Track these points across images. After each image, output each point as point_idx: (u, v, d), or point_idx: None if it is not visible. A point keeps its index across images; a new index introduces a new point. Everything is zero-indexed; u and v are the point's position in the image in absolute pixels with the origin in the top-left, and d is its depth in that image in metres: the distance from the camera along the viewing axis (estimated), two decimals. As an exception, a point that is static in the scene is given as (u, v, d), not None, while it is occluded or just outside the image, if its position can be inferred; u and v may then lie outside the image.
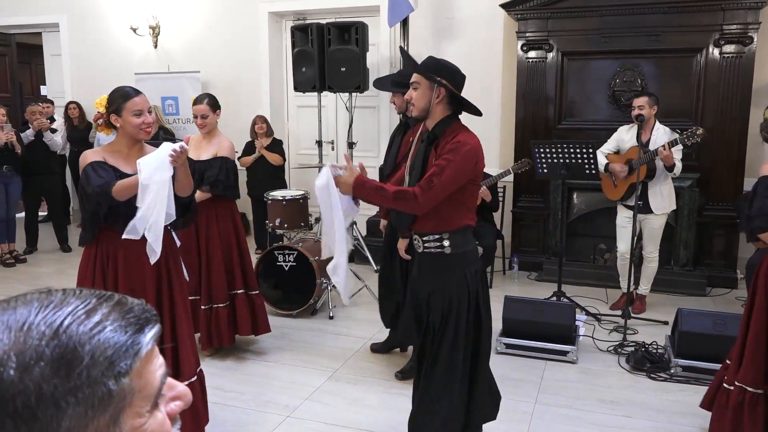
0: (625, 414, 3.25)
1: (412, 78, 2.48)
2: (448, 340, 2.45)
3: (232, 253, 3.87)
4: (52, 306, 0.61)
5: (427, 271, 2.52)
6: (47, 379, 0.57)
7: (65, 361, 0.58)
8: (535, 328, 3.93)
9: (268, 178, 6.11)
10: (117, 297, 0.66)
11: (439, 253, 2.47)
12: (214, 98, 3.88)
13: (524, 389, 3.52)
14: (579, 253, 5.80)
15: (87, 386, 0.58)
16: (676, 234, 5.36)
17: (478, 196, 2.60)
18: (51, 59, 8.56)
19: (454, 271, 2.46)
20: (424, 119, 2.51)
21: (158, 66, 7.45)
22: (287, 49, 6.99)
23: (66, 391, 0.57)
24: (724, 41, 5.13)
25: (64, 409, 0.57)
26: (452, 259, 2.47)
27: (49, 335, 0.59)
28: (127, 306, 0.65)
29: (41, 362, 0.57)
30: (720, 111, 5.22)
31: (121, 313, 0.64)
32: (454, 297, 2.44)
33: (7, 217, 6.20)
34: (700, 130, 4.22)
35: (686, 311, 3.76)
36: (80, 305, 0.62)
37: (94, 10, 7.74)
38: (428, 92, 2.42)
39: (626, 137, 4.60)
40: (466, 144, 2.37)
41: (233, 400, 3.40)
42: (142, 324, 0.65)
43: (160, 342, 2.15)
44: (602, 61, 5.58)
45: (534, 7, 5.53)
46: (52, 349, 0.58)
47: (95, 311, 0.62)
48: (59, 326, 0.59)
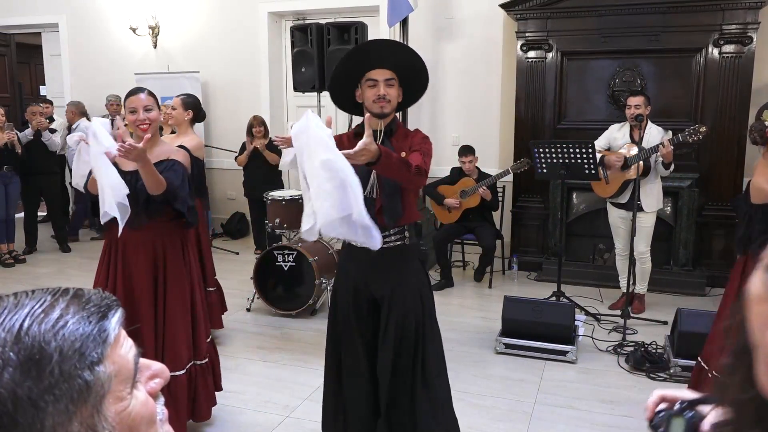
0: (625, 414, 3.25)
1: (388, 74, 2.40)
2: (430, 333, 2.47)
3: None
4: (7, 311, 0.61)
5: (387, 265, 2.46)
6: (19, 383, 0.57)
7: (34, 362, 0.58)
8: (535, 328, 3.93)
9: (264, 178, 6.10)
10: (72, 290, 0.66)
11: (400, 246, 2.47)
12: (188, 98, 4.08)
13: (524, 389, 3.52)
14: (578, 253, 5.80)
15: (63, 382, 0.58)
16: (676, 234, 5.36)
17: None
18: (50, 59, 8.57)
19: (415, 261, 2.54)
20: (386, 117, 2.45)
21: (158, 66, 7.44)
22: (287, 49, 6.98)
23: (42, 391, 0.57)
24: (723, 41, 5.14)
25: (44, 408, 0.57)
26: (412, 249, 2.53)
27: (11, 340, 0.58)
28: (84, 297, 0.65)
29: (9, 368, 0.57)
30: (719, 111, 5.22)
31: (80, 305, 0.64)
32: (423, 286, 2.52)
33: (6, 218, 6.19)
34: (703, 128, 4.23)
35: (686, 311, 3.76)
36: (36, 305, 0.62)
37: (94, 10, 7.74)
38: (399, 91, 2.46)
39: (618, 135, 4.62)
40: (429, 138, 2.53)
41: (233, 400, 3.39)
42: (104, 311, 0.65)
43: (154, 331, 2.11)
44: (602, 61, 5.59)
45: (533, 7, 5.53)
46: (17, 353, 0.58)
47: (53, 308, 0.62)
48: (20, 329, 0.59)
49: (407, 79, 2.46)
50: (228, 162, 7.09)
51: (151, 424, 0.68)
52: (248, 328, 4.51)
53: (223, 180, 7.43)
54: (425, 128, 6.48)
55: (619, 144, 4.59)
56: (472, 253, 5.95)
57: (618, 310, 4.69)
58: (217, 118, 7.41)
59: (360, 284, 2.50)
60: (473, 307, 5.02)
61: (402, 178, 2.32)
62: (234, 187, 7.27)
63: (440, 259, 5.43)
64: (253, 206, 6.37)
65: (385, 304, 2.47)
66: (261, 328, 4.49)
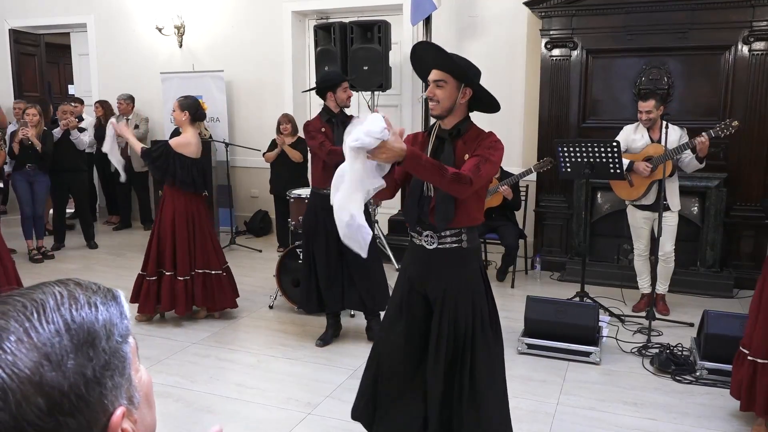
0: (650, 416, 3.21)
1: (437, 75, 2.37)
2: (482, 343, 2.40)
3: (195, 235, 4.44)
4: (35, 311, 0.61)
5: (441, 267, 2.44)
6: (84, 365, 0.61)
7: (89, 344, 0.62)
8: (558, 329, 3.90)
9: (290, 176, 6.15)
10: (70, 281, 0.68)
11: (456, 248, 2.43)
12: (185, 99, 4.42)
13: (546, 390, 3.49)
14: (602, 254, 5.73)
15: (112, 357, 0.64)
16: (703, 235, 5.27)
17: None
18: (78, 59, 8.72)
19: (472, 265, 2.47)
20: (443, 118, 2.43)
21: (183, 65, 7.53)
22: (310, 48, 7.01)
23: (102, 368, 0.62)
24: (753, 38, 5.03)
25: (105, 384, 0.62)
26: (470, 254, 2.46)
27: (62, 331, 0.61)
28: (84, 284, 0.69)
29: (71, 354, 0.60)
30: (749, 109, 5.12)
31: (90, 291, 0.68)
32: (477, 293, 2.43)
33: (34, 215, 6.32)
34: (735, 122, 4.18)
35: (713, 313, 3.69)
36: (58, 297, 0.64)
37: (121, 10, 7.85)
38: (455, 92, 2.37)
39: (636, 137, 4.54)
40: (500, 144, 2.43)
41: (255, 397, 3.42)
42: (112, 293, 0.70)
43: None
44: (627, 59, 5.51)
45: (558, 4, 5.48)
46: (71, 339, 0.61)
47: (74, 296, 0.65)
48: (64, 318, 0.62)
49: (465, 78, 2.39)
50: (251, 160, 7.14)
51: (151, 390, 0.74)
52: (271, 325, 4.55)
53: (247, 178, 7.49)
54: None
55: (638, 145, 4.52)
56: (495, 253, 5.91)
57: (641, 311, 4.64)
58: (240, 117, 7.47)
59: (415, 281, 2.52)
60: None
61: (435, 182, 2.29)
62: (257, 185, 7.33)
63: (462, 258, 5.40)
64: (278, 204, 6.42)
65: (437, 307, 2.45)
66: (283, 326, 4.52)
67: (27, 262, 6.24)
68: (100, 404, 0.61)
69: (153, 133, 7.59)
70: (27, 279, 5.68)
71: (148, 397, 0.71)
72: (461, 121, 2.44)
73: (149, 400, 0.72)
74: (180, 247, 4.36)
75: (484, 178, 2.34)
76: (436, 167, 2.23)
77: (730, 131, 4.14)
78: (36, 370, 0.58)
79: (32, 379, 0.57)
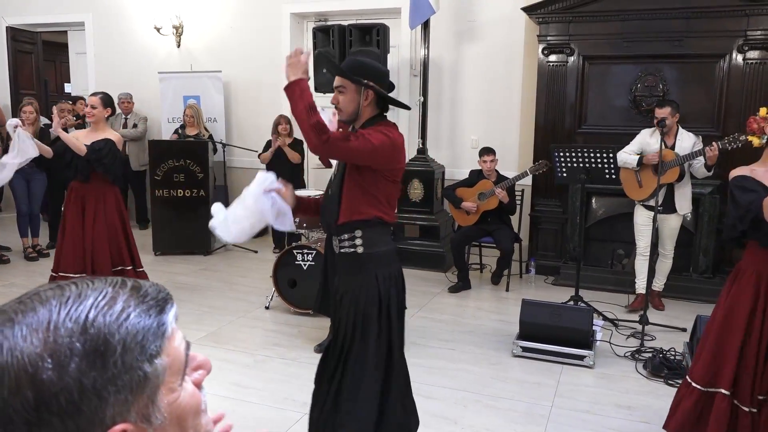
0: (642, 419, 3.24)
1: (337, 82, 2.39)
2: (356, 346, 2.38)
3: (117, 233, 4.54)
4: (71, 301, 0.62)
5: (343, 272, 2.49)
6: (85, 372, 0.59)
7: (99, 353, 0.60)
8: (553, 332, 3.93)
9: (287, 178, 6.12)
10: (130, 282, 0.68)
11: (352, 253, 2.43)
12: (109, 96, 4.51)
13: (541, 392, 3.53)
14: (596, 258, 5.77)
15: (124, 373, 0.61)
16: (696, 241, 5.32)
17: (395, 195, 2.50)
18: (76, 57, 8.71)
19: (364, 273, 2.41)
20: (353, 122, 2.43)
21: (181, 65, 7.54)
22: (308, 50, 7.03)
23: (105, 381, 0.59)
24: (747, 47, 5.09)
25: (106, 398, 0.60)
26: (364, 260, 2.41)
27: (78, 331, 0.60)
28: (142, 290, 0.67)
29: (76, 358, 0.59)
30: (743, 117, 5.16)
31: (139, 298, 0.65)
32: (361, 300, 2.39)
33: (30, 212, 6.31)
34: (743, 135, 4.23)
35: (705, 318, 3.72)
36: (99, 296, 0.63)
37: (119, 9, 7.86)
38: (356, 96, 2.37)
39: (651, 141, 4.68)
40: (387, 132, 2.36)
41: (251, 397, 3.44)
42: (161, 305, 0.67)
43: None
44: (623, 65, 5.56)
45: (556, 10, 5.53)
46: (83, 343, 0.59)
47: (115, 300, 0.64)
48: (85, 320, 0.61)
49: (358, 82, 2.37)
50: (248, 161, 7.16)
51: (197, 414, 0.70)
52: (267, 326, 4.56)
53: (244, 179, 7.49)
54: (445, 130, 6.53)
55: (653, 149, 4.61)
56: (490, 256, 5.95)
57: (634, 309, 4.77)
58: (238, 118, 7.49)
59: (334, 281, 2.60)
60: (490, 309, 5.02)
61: (300, 119, 2.32)
62: (254, 186, 7.33)
63: (458, 261, 5.44)
64: (274, 205, 6.42)
65: (335, 311, 2.51)
66: (279, 326, 4.53)
67: (22, 259, 6.24)
68: (94, 415, 0.59)
69: (151, 133, 7.59)
70: (22, 277, 5.68)
71: (181, 421, 0.68)
72: (368, 120, 2.42)
73: (183, 424, 0.68)
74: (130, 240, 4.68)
75: (348, 149, 2.29)
76: (307, 106, 2.29)
77: (737, 145, 4.21)
78: (35, 363, 0.58)
79: (27, 370, 0.58)
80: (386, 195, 2.42)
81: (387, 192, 2.42)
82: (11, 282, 5.54)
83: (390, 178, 2.41)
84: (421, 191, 6.15)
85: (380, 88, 2.39)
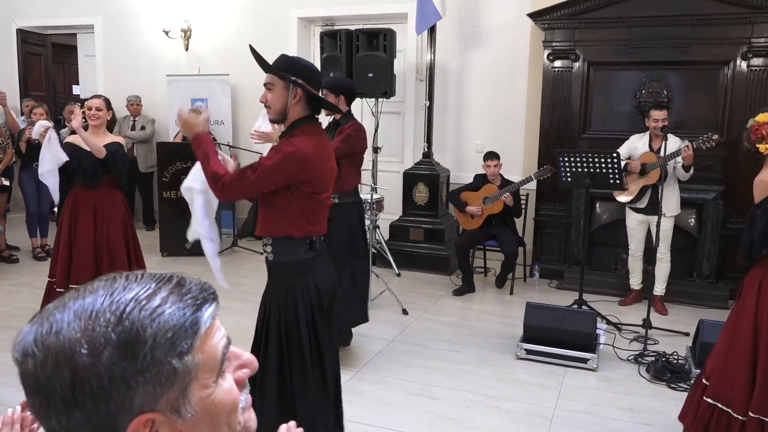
0: (645, 422, 3.28)
1: (266, 79, 2.35)
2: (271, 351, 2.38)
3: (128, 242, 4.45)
4: (116, 293, 0.66)
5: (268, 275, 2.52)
6: (116, 362, 0.63)
7: (131, 346, 0.63)
8: (556, 335, 3.97)
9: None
10: (176, 279, 0.71)
11: (266, 257, 2.47)
12: (108, 100, 4.43)
13: (544, 394, 3.56)
14: (600, 263, 5.80)
15: (153, 366, 0.64)
16: (700, 246, 5.35)
17: (314, 208, 2.39)
18: (84, 60, 8.79)
19: (271, 278, 2.44)
20: (283, 122, 2.39)
21: (189, 68, 7.61)
22: (315, 54, 7.09)
23: (135, 373, 0.63)
24: (752, 54, 5.13)
25: (135, 387, 0.63)
26: (272, 267, 2.44)
27: (114, 321, 0.64)
28: (185, 287, 0.69)
29: (109, 347, 0.63)
30: (746, 124, 5.20)
31: (180, 295, 0.68)
32: (267, 301, 2.41)
33: (39, 212, 6.38)
34: (715, 135, 4.52)
35: (708, 322, 3.77)
36: (141, 291, 0.67)
37: (128, 12, 7.94)
38: (284, 93, 2.31)
39: (638, 145, 4.92)
40: (292, 145, 2.26)
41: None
42: (200, 303, 0.69)
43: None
44: (628, 71, 5.60)
45: (561, 17, 5.57)
46: (117, 334, 0.63)
47: (155, 295, 0.67)
48: (122, 312, 0.64)
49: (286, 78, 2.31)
50: (255, 164, 7.21)
51: (232, 412, 0.72)
52: (273, 326, 4.60)
53: (249, 181, 7.55)
54: (450, 134, 6.57)
55: (639, 153, 4.85)
56: (494, 260, 5.99)
57: (627, 305, 5.03)
58: (245, 121, 7.54)
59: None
60: (494, 312, 5.06)
61: (203, 169, 2.37)
62: (260, 188, 7.39)
63: (462, 264, 5.48)
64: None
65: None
66: (285, 327, 4.57)
67: (30, 259, 6.30)
68: (123, 402, 0.63)
69: (158, 135, 7.66)
70: (30, 276, 5.74)
71: (214, 416, 0.69)
72: (296, 121, 2.36)
73: (216, 419, 0.70)
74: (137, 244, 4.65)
75: (247, 186, 2.28)
76: (205, 157, 2.33)
77: (710, 144, 4.46)
78: (73, 347, 0.62)
79: (66, 353, 0.62)
80: (302, 209, 2.35)
81: (303, 206, 2.35)
82: (20, 281, 5.60)
83: (305, 192, 2.33)
84: (426, 195, 6.20)
85: (310, 87, 2.32)
